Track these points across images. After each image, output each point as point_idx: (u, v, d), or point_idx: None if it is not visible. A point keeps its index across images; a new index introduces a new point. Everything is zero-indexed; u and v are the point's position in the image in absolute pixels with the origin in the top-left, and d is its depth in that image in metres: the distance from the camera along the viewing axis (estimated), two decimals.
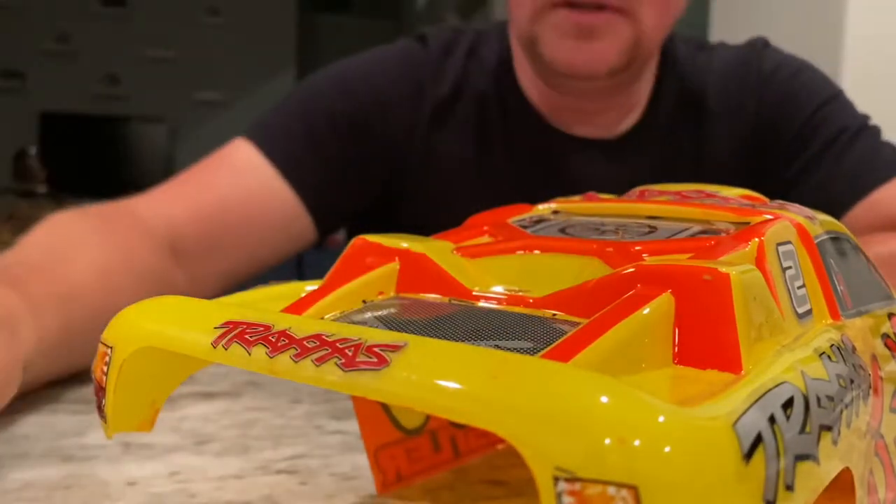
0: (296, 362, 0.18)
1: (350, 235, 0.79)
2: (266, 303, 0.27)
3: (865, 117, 0.73)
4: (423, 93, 0.71)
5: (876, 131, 0.72)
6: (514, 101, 0.71)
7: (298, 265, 1.95)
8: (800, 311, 0.23)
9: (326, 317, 0.25)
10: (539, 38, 0.64)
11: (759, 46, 0.76)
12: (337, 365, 0.18)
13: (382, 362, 0.17)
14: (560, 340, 0.19)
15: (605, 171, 0.71)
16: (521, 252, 0.26)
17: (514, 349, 0.20)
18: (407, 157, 0.71)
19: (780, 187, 0.70)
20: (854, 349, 0.23)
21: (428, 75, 0.71)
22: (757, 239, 0.24)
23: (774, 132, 0.72)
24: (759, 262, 0.23)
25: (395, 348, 0.17)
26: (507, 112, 0.71)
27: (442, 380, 0.16)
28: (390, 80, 0.70)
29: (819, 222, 0.28)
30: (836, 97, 0.73)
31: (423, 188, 0.72)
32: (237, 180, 0.66)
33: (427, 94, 0.71)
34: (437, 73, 0.71)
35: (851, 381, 0.21)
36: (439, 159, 0.71)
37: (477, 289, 0.25)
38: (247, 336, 0.20)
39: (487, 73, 0.72)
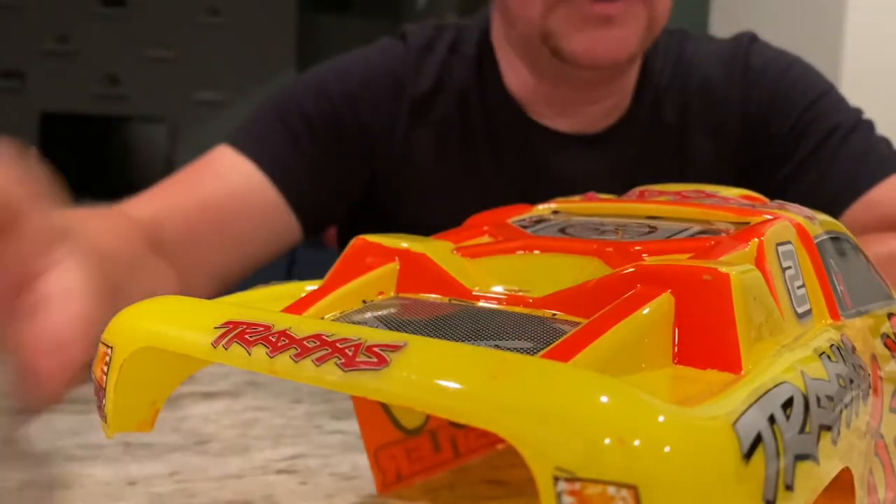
0: (296, 362, 0.18)
1: (341, 234, 0.79)
2: (266, 303, 0.27)
3: (858, 111, 0.72)
4: (402, 89, 0.71)
5: (869, 126, 0.71)
6: (495, 96, 0.71)
7: (290, 264, 1.96)
8: (799, 311, 0.23)
9: (326, 317, 0.25)
10: (555, 32, 0.63)
11: (746, 41, 0.74)
12: (337, 365, 0.18)
13: (382, 362, 0.17)
14: (560, 340, 0.19)
15: (588, 166, 0.71)
16: (521, 252, 0.26)
17: (514, 349, 0.20)
18: (387, 153, 0.71)
19: (774, 186, 0.70)
20: (854, 349, 0.23)
21: (408, 72, 0.71)
22: (757, 239, 0.24)
23: (764, 128, 0.71)
24: (759, 262, 0.23)
25: (395, 348, 0.17)
26: (488, 107, 0.71)
27: (442, 380, 0.16)
28: (366, 78, 0.70)
29: (819, 222, 0.28)
30: (827, 93, 0.72)
31: (407, 184, 0.72)
32: (220, 181, 0.66)
33: (407, 90, 0.71)
34: (418, 69, 0.71)
35: (851, 381, 0.21)
36: (421, 155, 0.71)
37: (477, 289, 0.25)
38: (247, 336, 0.20)
39: (469, 68, 0.71)
